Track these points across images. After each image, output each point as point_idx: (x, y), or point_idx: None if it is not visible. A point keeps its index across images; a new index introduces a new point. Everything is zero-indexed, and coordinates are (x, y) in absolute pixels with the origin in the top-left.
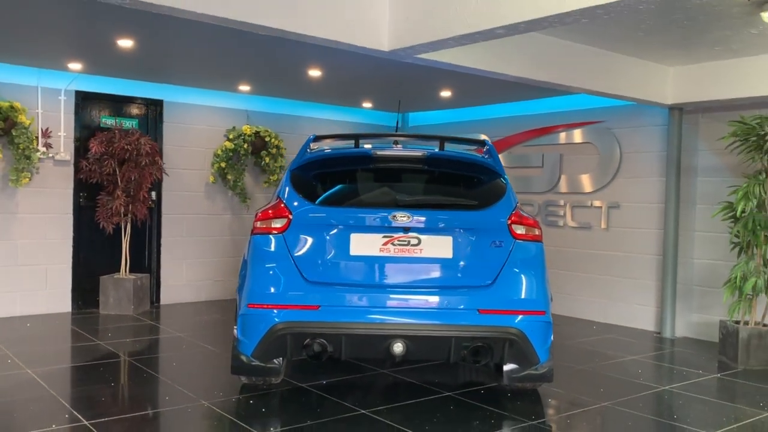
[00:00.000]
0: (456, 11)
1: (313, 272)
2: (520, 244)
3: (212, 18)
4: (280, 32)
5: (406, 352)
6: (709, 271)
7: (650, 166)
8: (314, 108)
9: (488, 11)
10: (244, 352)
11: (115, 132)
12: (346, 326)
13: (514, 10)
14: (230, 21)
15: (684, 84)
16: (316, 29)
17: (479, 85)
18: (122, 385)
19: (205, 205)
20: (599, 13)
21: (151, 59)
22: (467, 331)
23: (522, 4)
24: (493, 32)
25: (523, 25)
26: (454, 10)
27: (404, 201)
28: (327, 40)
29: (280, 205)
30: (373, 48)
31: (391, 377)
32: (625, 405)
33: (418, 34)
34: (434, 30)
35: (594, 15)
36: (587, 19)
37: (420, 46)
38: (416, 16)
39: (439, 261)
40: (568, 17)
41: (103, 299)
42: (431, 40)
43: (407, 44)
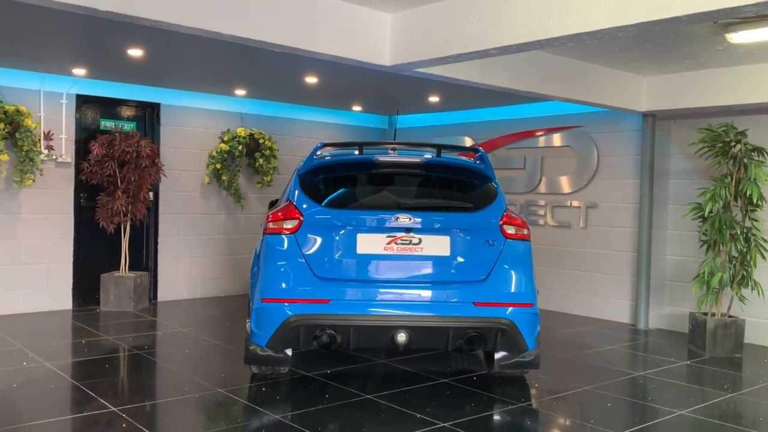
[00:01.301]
0: (454, 33)
1: (322, 269)
2: (511, 243)
3: (234, 38)
4: (295, 50)
5: (408, 341)
6: (680, 266)
7: (625, 169)
8: (306, 111)
9: (484, 34)
10: (258, 343)
11: (116, 135)
12: (354, 318)
13: (507, 33)
14: (250, 40)
15: (657, 93)
16: (327, 47)
17: (466, 92)
18: (140, 376)
19: (201, 205)
20: (584, 38)
21: (152, 65)
22: (464, 322)
23: (515, 28)
24: (488, 52)
25: (515, 47)
26: (452, 32)
27: (406, 204)
28: (337, 57)
29: (291, 207)
30: (377, 63)
31: (389, 366)
32: (605, 389)
33: (418, 52)
34: (433, 49)
35: (579, 40)
36: (573, 43)
37: (420, 62)
38: (417, 36)
39: (438, 258)
40: (556, 41)
41: (103, 296)
42: (430, 57)
43: (407, 60)
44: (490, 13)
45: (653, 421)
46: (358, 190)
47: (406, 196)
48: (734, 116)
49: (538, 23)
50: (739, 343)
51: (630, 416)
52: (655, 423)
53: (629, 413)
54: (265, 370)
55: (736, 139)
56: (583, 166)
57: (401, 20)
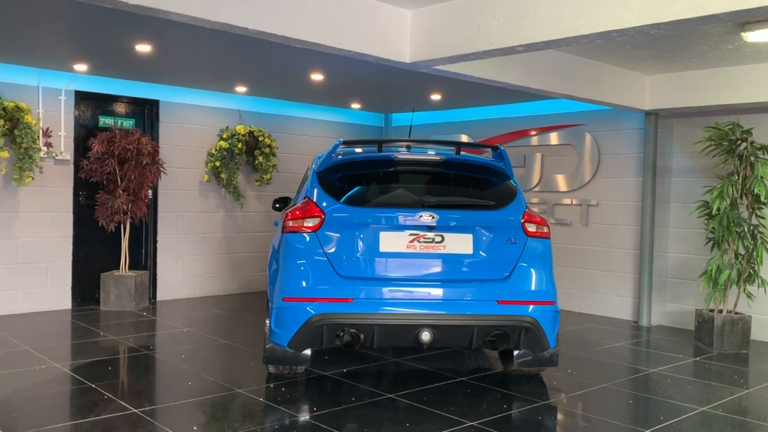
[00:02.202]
0: (479, 30)
1: (345, 267)
2: (532, 241)
3: (259, 33)
4: (315, 45)
5: (432, 340)
6: (682, 264)
7: (627, 167)
8: (304, 108)
9: (510, 31)
10: (278, 343)
11: (116, 132)
12: (379, 317)
13: (535, 30)
14: (275, 36)
15: (661, 92)
16: (347, 43)
17: (467, 90)
18: (155, 377)
19: (200, 203)
20: (614, 36)
21: (155, 60)
22: (488, 320)
23: (542, 25)
24: (513, 49)
25: (542, 44)
26: (476, 28)
27: (429, 201)
28: (357, 53)
29: (311, 204)
30: (397, 60)
31: (403, 365)
32: (622, 386)
33: (439, 49)
34: (455, 46)
35: (609, 37)
36: (601, 41)
37: (440, 60)
38: (438, 33)
39: (461, 257)
40: (585, 39)
41: (103, 296)
42: (452, 54)
43: (428, 57)
44: (517, 10)
45: (677, 418)
46: (378, 188)
47: (428, 194)
48: (737, 115)
49: (568, 20)
50: (746, 340)
51: (654, 413)
52: (680, 420)
53: (652, 410)
54: (282, 369)
55: (742, 137)
56: (584, 165)
57: (422, 16)
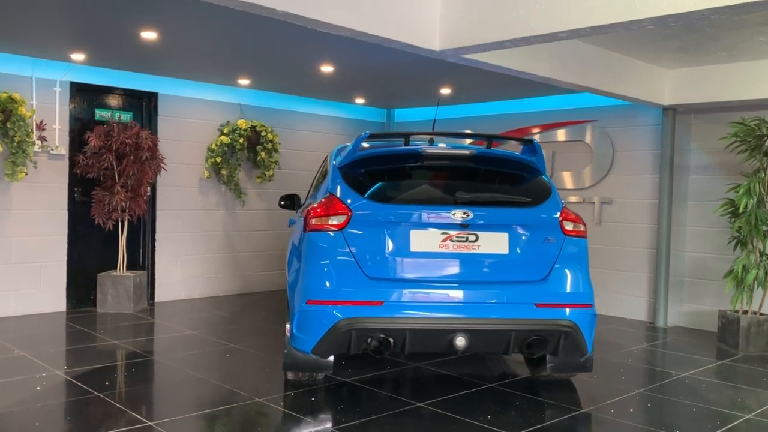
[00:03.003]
0: (518, 14)
1: (373, 268)
2: (570, 240)
3: (287, 15)
4: (339, 29)
5: (467, 346)
6: (699, 263)
7: (642, 164)
8: (305, 103)
9: (554, 15)
10: (301, 349)
11: (113, 125)
12: (411, 321)
13: (580, 15)
14: (303, 18)
15: (681, 86)
16: (374, 27)
17: (479, 84)
18: (166, 385)
19: (199, 200)
20: (670, 22)
21: (158, 49)
22: (526, 325)
23: (589, 9)
24: (556, 36)
25: (588, 30)
26: (515, 12)
27: (462, 198)
28: (384, 38)
29: (336, 201)
30: (425, 48)
31: (426, 370)
32: (657, 391)
33: (472, 35)
34: (491, 32)
35: (665, 23)
36: (654, 26)
37: (472, 47)
38: (471, 18)
39: (496, 257)
40: (637, 24)
41: (100, 297)
42: (487, 41)
43: (459, 45)
44: None
45: (727, 426)
46: (406, 184)
47: (459, 190)
48: (760, 111)
49: (620, 3)
50: None
51: (702, 421)
52: (731, 428)
53: (699, 418)
54: (301, 376)
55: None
56: (598, 161)
57: (453, 1)
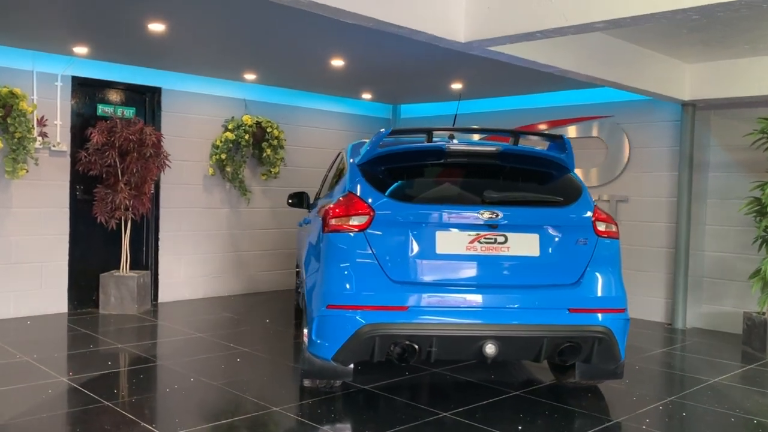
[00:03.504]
0: (551, 4)
1: (397, 271)
2: (603, 241)
3: (311, 5)
4: (363, 18)
5: (497, 353)
6: (719, 263)
7: (659, 161)
8: (311, 98)
9: (590, 4)
10: (321, 355)
11: (116, 121)
12: (438, 327)
13: (620, 4)
14: (327, 8)
15: (702, 81)
16: (398, 18)
17: (492, 79)
18: (178, 393)
19: (203, 198)
20: (718, 11)
21: (164, 42)
22: (559, 331)
23: None
24: (592, 26)
25: (629, 19)
26: (548, 2)
27: (491, 197)
28: (407, 29)
29: (357, 200)
30: (450, 39)
31: (447, 376)
32: (690, 399)
33: (501, 27)
34: (521, 23)
35: (711, 12)
36: (699, 16)
37: (500, 39)
38: (500, 8)
39: (526, 259)
40: (682, 14)
41: (103, 298)
42: (516, 33)
43: (485, 36)
44: None
45: None
46: (430, 183)
47: (486, 189)
48: None
49: None
50: None
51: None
52: None
53: (740, 428)
54: (318, 383)
55: None
56: (613, 158)
57: None
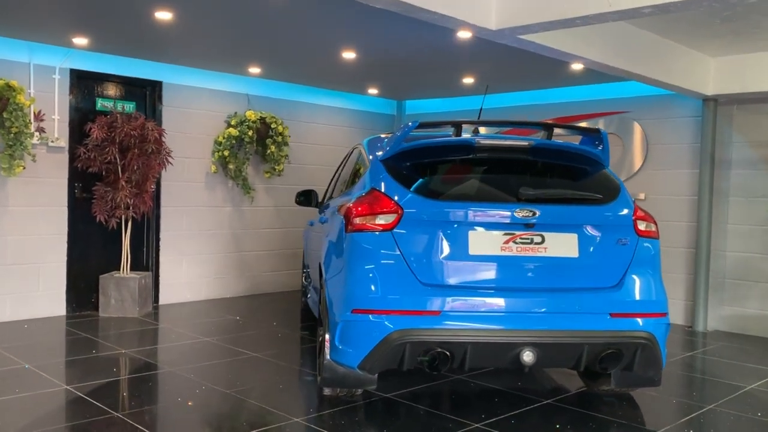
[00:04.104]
0: None
1: (428, 274)
2: (644, 241)
3: None
4: (396, 4)
5: (535, 361)
6: (742, 264)
7: (678, 158)
8: (315, 93)
9: None
10: (345, 363)
11: (117, 116)
12: (472, 333)
13: None
14: None
15: (725, 75)
16: (428, 2)
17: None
18: (192, 403)
19: (206, 196)
20: None
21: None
22: (601, 337)
23: None
24: (639, 11)
25: (679, 4)
26: None
27: (527, 194)
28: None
29: (383, 198)
30: (480, 26)
31: (473, 384)
32: (730, 407)
33: (535, 13)
34: (559, 8)
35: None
36: (755, 1)
37: (534, 26)
38: None
39: (564, 261)
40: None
41: (102, 300)
42: (553, 19)
43: (519, 23)
44: None
45: None
46: (460, 179)
47: (520, 186)
48: None
49: None
50: None
51: None
52: None
53: None
54: (339, 392)
55: None
56: (630, 155)
57: None
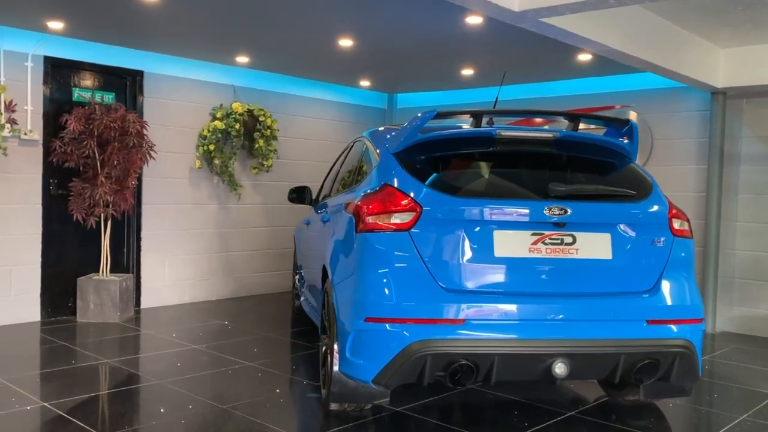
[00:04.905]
0: None
1: (449, 278)
2: (679, 241)
3: None
4: None
5: (568, 374)
6: (752, 263)
7: (685, 154)
8: (304, 85)
9: None
10: (357, 377)
11: (95, 107)
12: (500, 344)
13: None
14: None
15: (736, 67)
16: None
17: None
18: (188, 422)
19: (190, 193)
20: None
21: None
22: (639, 346)
23: None
24: None
25: None
26: None
27: (557, 191)
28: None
29: (399, 195)
30: (503, 6)
31: (488, 395)
32: (764, 417)
33: None
34: None
35: None
36: None
37: (561, 7)
38: None
39: (597, 263)
40: None
41: (81, 305)
42: None
43: (544, 4)
44: None
45: None
46: (481, 174)
47: (549, 181)
48: None
49: None
50: None
51: None
52: None
53: None
54: (347, 407)
55: None
56: None
57: None
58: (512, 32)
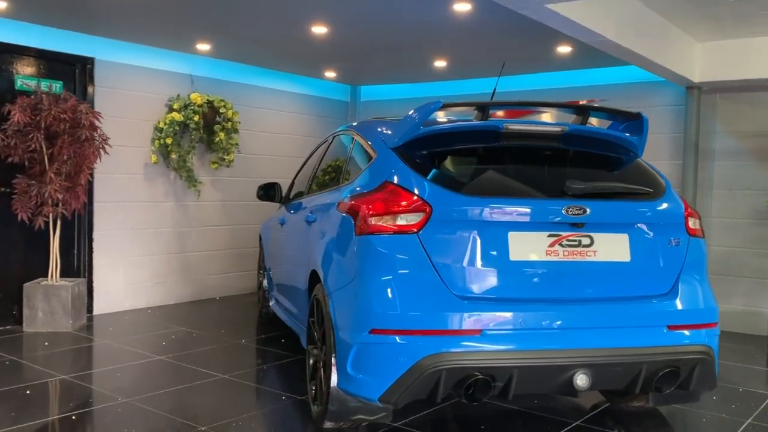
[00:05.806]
0: None
1: (463, 285)
2: (694, 242)
3: None
4: None
5: (590, 385)
6: (726, 258)
7: (659, 149)
8: (266, 76)
9: None
10: (361, 395)
11: (42, 96)
12: (519, 356)
13: None
14: None
15: (713, 61)
16: None
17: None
18: None
19: (145, 190)
20: None
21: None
22: (660, 354)
23: None
24: None
25: None
26: None
27: (575, 189)
28: None
29: (403, 193)
30: None
31: (489, 405)
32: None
33: None
34: None
35: None
36: None
37: None
38: None
39: (616, 266)
40: None
41: (28, 313)
42: None
43: None
44: None
45: None
46: (490, 171)
47: (556, 178)
48: None
49: None
50: None
51: None
52: None
53: None
54: (343, 424)
55: None
56: None
57: None
58: (493, 23)
